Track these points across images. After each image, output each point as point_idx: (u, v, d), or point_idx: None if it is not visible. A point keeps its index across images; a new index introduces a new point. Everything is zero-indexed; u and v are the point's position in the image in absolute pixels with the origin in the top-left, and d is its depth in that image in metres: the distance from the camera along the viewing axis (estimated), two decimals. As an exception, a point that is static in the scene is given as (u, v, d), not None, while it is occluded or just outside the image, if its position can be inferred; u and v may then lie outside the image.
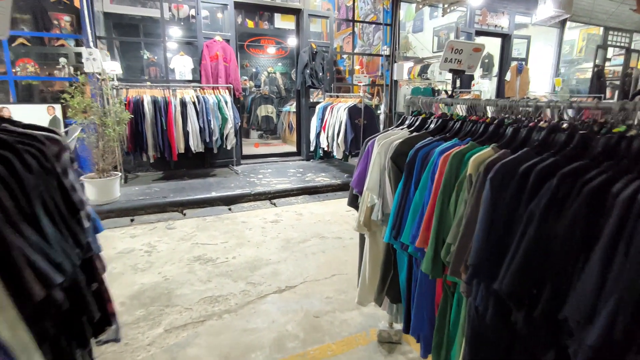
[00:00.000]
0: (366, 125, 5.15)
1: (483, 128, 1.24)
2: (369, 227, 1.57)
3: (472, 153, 1.05)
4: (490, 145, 1.06)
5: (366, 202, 1.53)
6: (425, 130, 1.56)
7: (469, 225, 0.97)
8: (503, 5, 7.77)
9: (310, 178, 5.17)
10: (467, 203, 0.99)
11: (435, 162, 1.15)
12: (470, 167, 1.01)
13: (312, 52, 6.02)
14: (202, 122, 4.89)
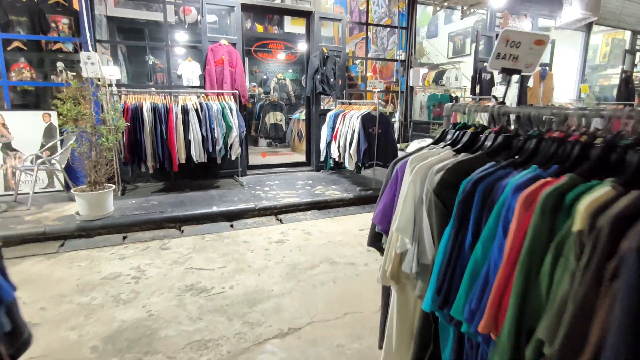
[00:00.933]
0: (381, 134, 4.76)
1: (578, 150, 0.84)
2: (398, 279, 1.19)
3: (577, 194, 0.66)
4: (605, 180, 0.67)
5: (394, 247, 1.15)
6: (480, 151, 1.16)
7: (582, 317, 0.58)
8: (525, 7, 7.34)
9: (320, 191, 4.79)
10: (577, 278, 0.60)
11: (508, 204, 0.76)
12: (580, 219, 0.62)
13: (323, 56, 5.68)
14: (205, 131, 4.58)
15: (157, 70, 8.22)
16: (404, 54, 6.50)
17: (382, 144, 4.80)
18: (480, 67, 6.94)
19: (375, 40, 7.72)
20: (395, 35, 6.99)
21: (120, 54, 6.89)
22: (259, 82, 9.75)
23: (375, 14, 7.69)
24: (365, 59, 6.37)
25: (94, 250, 3.14)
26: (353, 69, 8.57)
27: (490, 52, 7.16)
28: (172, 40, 6.36)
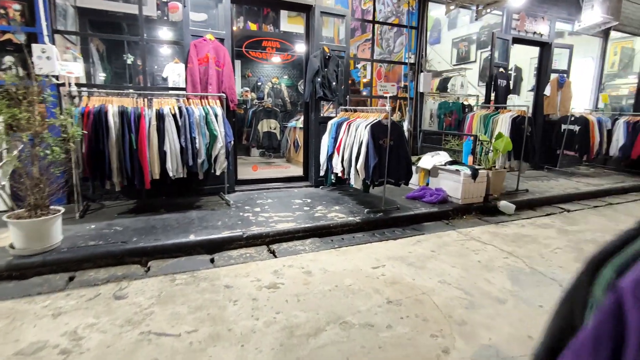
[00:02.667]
0: (393, 147, 4.05)
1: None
2: None
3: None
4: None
5: None
6: None
7: None
8: (543, 9, 6.75)
9: (320, 213, 4.04)
10: None
11: None
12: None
13: (325, 56, 4.99)
14: (184, 141, 3.82)
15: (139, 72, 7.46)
16: (413, 57, 5.84)
17: (395, 158, 4.08)
18: (496, 72, 6.30)
19: (381, 42, 7.06)
20: (403, 37, 6.33)
21: (96, 51, 6.13)
22: (252, 86, 9.04)
23: (381, 14, 7.05)
24: (372, 61, 5.68)
25: (23, 300, 2.35)
26: (354, 74, 7.90)
27: (507, 56, 6.51)
28: (151, 36, 5.62)
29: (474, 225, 4.18)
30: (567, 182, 6.32)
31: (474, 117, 5.69)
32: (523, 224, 4.27)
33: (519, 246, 3.50)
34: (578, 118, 6.84)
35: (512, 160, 5.22)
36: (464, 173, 4.49)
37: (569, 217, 4.65)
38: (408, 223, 4.13)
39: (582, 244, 3.63)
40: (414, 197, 4.76)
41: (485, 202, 4.70)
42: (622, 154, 7.00)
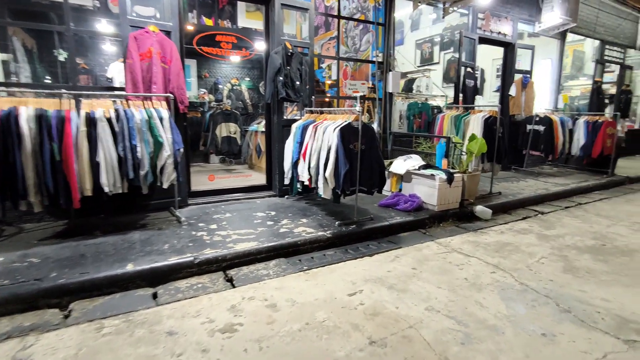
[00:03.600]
0: (365, 151, 3.67)
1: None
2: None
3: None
4: None
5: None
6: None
7: None
8: (506, 9, 6.71)
9: (286, 228, 3.58)
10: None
11: None
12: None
13: (287, 53, 4.54)
14: (123, 149, 3.23)
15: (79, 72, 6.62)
16: (381, 55, 5.53)
17: (367, 163, 3.70)
18: (464, 72, 6.14)
19: (346, 40, 6.72)
20: (369, 34, 6.02)
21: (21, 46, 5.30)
22: (210, 88, 8.41)
23: (345, 10, 6.70)
24: (337, 59, 5.30)
25: None
26: (319, 74, 7.51)
27: (474, 56, 6.38)
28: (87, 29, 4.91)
29: (452, 233, 3.89)
30: (536, 182, 6.27)
31: (444, 118, 5.47)
32: (502, 231, 4.04)
33: (503, 257, 3.23)
34: (542, 118, 6.86)
35: (485, 163, 5.03)
36: (439, 178, 4.20)
37: (544, 220, 4.50)
38: (383, 235, 3.76)
39: (564, 250, 3.43)
40: (387, 204, 4.41)
41: (461, 208, 4.45)
42: (583, 153, 7.10)
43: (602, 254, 3.36)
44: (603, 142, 6.89)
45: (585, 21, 8.08)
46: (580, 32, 8.18)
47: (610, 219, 4.53)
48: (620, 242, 3.71)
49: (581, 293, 2.57)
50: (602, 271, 2.96)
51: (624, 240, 3.77)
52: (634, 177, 7.28)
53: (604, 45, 9.10)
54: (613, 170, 7.17)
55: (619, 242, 3.69)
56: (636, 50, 10.07)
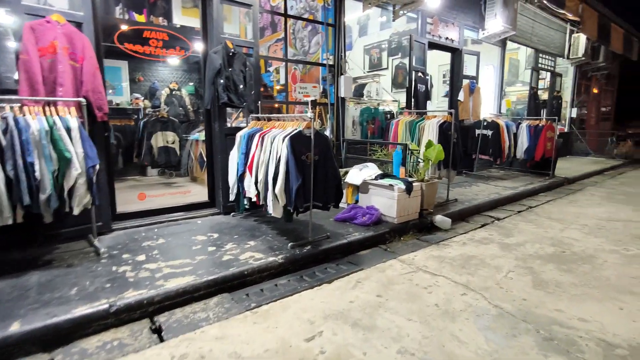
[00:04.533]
0: (319, 162, 3.28)
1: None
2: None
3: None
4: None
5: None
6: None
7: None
8: (453, 15, 6.74)
9: (231, 254, 3.07)
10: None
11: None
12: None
13: (228, 52, 4.04)
14: (13, 168, 2.53)
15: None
16: (332, 58, 5.21)
17: (321, 176, 3.32)
18: (415, 77, 6.03)
19: (294, 42, 6.33)
20: (319, 35, 5.68)
21: None
22: (146, 93, 7.57)
23: (293, 10, 6.32)
24: (285, 61, 4.87)
25: None
26: (266, 78, 7.05)
27: (424, 60, 6.31)
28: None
29: (414, 248, 3.62)
30: (487, 186, 6.31)
31: (398, 123, 5.27)
32: (464, 241, 3.85)
33: (471, 274, 3.00)
34: (490, 123, 6.98)
35: (442, 170, 4.88)
36: (398, 188, 3.93)
37: (502, 227, 4.41)
38: (342, 254, 3.39)
39: (529, 261, 3.29)
40: (344, 218, 4.06)
41: (421, 218, 4.22)
42: (527, 156, 7.34)
43: (564, 262, 3.26)
44: (544, 146, 7.18)
45: (522, 30, 8.45)
46: (518, 40, 8.54)
47: (561, 222, 4.57)
48: (577, 247, 3.67)
49: (558, 313, 2.37)
50: (570, 283, 2.83)
51: (580, 245, 3.74)
52: (571, 177, 7.68)
53: (538, 53, 9.63)
54: (553, 172, 7.50)
55: (576, 248, 3.64)
56: (564, 59, 10.83)
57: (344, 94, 5.13)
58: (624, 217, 4.86)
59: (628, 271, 3.08)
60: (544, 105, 10.33)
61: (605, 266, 3.19)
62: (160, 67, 7.72)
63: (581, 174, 8.27)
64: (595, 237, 3.99)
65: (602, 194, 6.46)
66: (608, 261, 3.30)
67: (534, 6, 8.42)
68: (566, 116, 12.09)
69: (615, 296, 2.61)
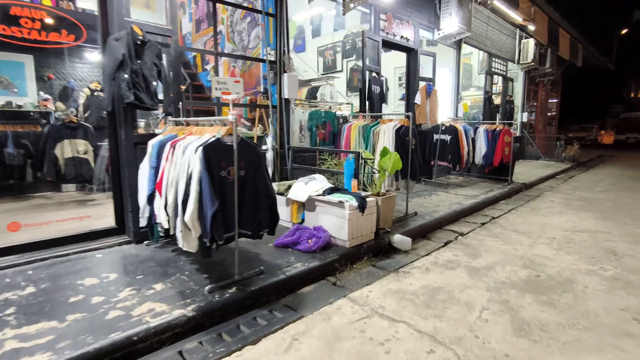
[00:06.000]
0: (246, 179, 2.55)
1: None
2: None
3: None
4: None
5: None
6: None
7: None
8: (407, 13, 6.30)
9: (123, 308, 2.24)
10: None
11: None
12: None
13: (135, 40, 3.20)
14: None
15: None
16: (274, 53, 4.51)
17: (250, 196, 2.59)
18: (369, 77, 5.47)
19: (232, 35, 5.55)
20: (258, 27, 4.95)
21: None
22: (59, 93, 6.42)
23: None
24: (216, 55, 4.09)
25: None
26: (203, 78, 6.20)
27: (378, 60, 5.79)
28: None
29: (369, 279, 2.97)
30: (447, 195, 5.88)
31: (351, 128, 4.66)
32: (427, 266, 3.27)
33: (438, 315, 2.39)
34: (448, 127, 6.61)
35: (400, 180, 4.32)
36: (349, 205, 3.29)
37: (467, 244, 3.91)
38: (278, 295, 2.67)
39: (503, 292, 2.75)
40: (285, 244, 3.34)
41: (377, 239, 3.60)
42: (485, 162, 7.06)
43: (542, 291, 2.76)
44: (502, 151, 6.93)
45: (476, 33, 8.27)
46: (472, 43, 8.35)
47: (529, 236, 4.16)
48: (551, 269, 3.21)
49: (551, 377, 1.81)
50: (556, 324, 2.30)
51: (554, 265, 3.29)
52: (528, 183, 7.52)
53: (491, 58, 9.55)
54: (511, 177, 7.28)
55: (551, 270, 3.19)
56: (515, 64, 10.92)
57: (288, 94, 4.44)
58: (588, 226, 4.57)
59: (614, 301, 2.62)
60: (497, 110, 10.30)
61: (588, 294, 2.72)
62: (79, 63, 6.62)
63: (537, 178, 8.17)
64: (567, 254, 3.58)
65: (561, 200, 6.27)
66: (589, 287, 2.84)
67: (487, 9, 8.26)
68: (517, 120, 12.25)
69: (612, 342, 2.10)
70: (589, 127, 22.46)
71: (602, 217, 5.03)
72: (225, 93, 2.49)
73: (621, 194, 6.71)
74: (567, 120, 21.25)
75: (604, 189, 7.28)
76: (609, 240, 4.01)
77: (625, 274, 3.09)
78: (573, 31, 12.34)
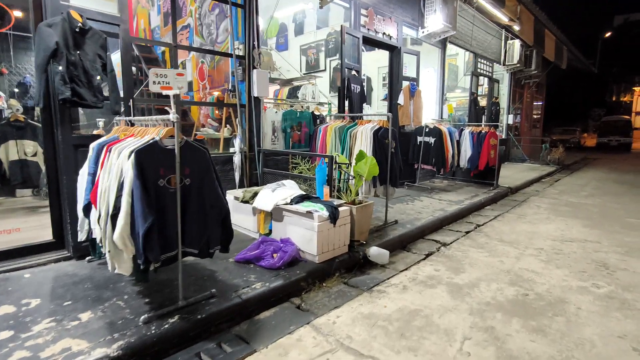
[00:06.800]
0: (191, 188, 2.18)
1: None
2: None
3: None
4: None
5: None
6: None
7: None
8: (390, 9, 6.00)
9: (30, 349, 1.83)
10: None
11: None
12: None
13: (74, 28, 2.80)
14: None
15: None
16: (242, 47, 4.13)
17: (196, 208, 2.21)
18: (348, 76, 5.14)
19: (200, 29, 5.16)
20: (227, 20, 4.57)
21: None
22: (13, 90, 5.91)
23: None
24: (174, 47, 3.69)
25: None
26: (172, 74, 5.77)
27: (359, 57, 5.48)
28: None
29: (339, 300, 2.63)
30: (431, 201, 5.59)
31: (327, 130, 4.31)
32: (404, 284, 2.94)
33: (413, 348, 2.06)
34: (432, 129, 6.33)
35: (378, 187, 3.99)
36: (318, 216, 2.93)
37: (449, 256, 3.60)
38: (231, 323, 2.30)
39: (487, 315, 2.44)
40: (247, 259, 2.97)
41: (351, 252, 3.26)
42: (470, 165, 6.81)
43: (531, 314, 2.46)
44: (488, 154, 6.68)
45: (462, 33, 8.04)
46: (458, 43, 8.11)
47: (515, 247, 3.88)
48: (541, 286, 2.92)
49: None
50: (549, 358, 1.98)
51: (543, 281, 3.01)
52: (514, 187, 7.31)
53: (477, 58, 9.35)
54: (497, 181, 7.05)
55: (540, 287, 2.89)
56: (501, 65, 10.76)
57: (257, 92, 4.07)
58: (577, 235, 4.32)
59: (611, 326, 2.33)
60: (483, 112, 10.12)
61: (582, 318, 2.43)
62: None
63: (522, 182, 7.97)
64: (557, 268, 3.30)
65: (547, 205, 6.05)
66: (582, 308, 2.55)
67: (473, 7, 8.03)
68: (503, 123, 12.12)
69: (613, 383, 1.80)
70: (572, 129, 22.65)
71: (590, 224, 4.80)
72: (166, 88, 2.12)
73: (607, 199, 6.53)
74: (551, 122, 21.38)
75: (590, 194, 7.11)
76: (599, 251, 3.76)
77: (619, 292, 2.82)
78: (558, 33, 12.28)
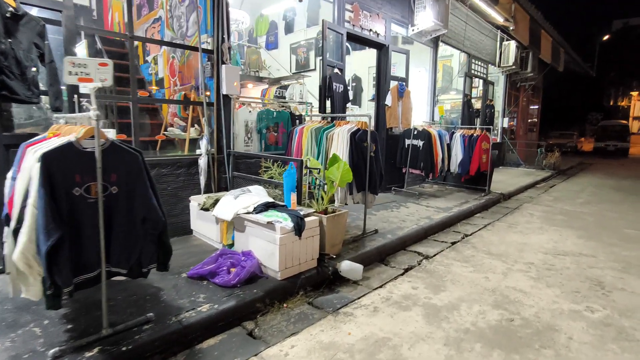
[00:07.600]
0: (118, 197, 1.86)
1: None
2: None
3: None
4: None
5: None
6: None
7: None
8: (377, 5, 5.69)
9: None
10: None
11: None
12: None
13: (3, 12, 2.47)
14: None
15: None
16: (211, 41, 3.81)
17: (124, 220, 1.89)
18: (330, 74, 4.82)
19: (171, 22, 4.84)
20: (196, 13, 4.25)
21: None
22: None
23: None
24: (130, 39, 3.36)
25: None
26: (144, 71, 5.45)
27: (342, 54, 5.16)
28: None
29: (298, 324, 2.31)
30: (418, 208, 5.28)
31: (303, 131, 4.00)
32: (376, 305, 2.62)
33: (371, 391, 1.74)
34: (421, 132, 6.03)
35: (355, 193, 3.67)
36: (281, 227, 2.61)
37: (430, 271, 3.29)
38: (166, 355, 1.97)
39: (465, 347, 2.12)
40: (201, 274, 2.65)
41: (320, 266, 2.94)
42: (461, 170, 6.52)
43: (515, 345, 2.15)
44: (479, 158, 6.38)
45: (454, 32, 7.75)
46: (450, 42, 7.82)
47: (503, 260, 3.57)
48: (528, 309, 2.61)
49: None
50: (530, 406, 1.67)
51: (531, 303, 2.70)
52: (506, 193, 7.01)
53: (470, 59, 9.06)
54: (489, 187, 6.75)
55: (527, 311, 2.58)
56: (496, 67, 10.48)
57: (226, 90, 3.75)
58: (571, 247, 4.02)
59: (606, 361, 2.02)
60: (477, 114, 9.84)
61: (573, 351, 2.11)
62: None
63: (516, 188, 7.67)
64: (547, 287, 2.99)
65: (541, 213, 5.75)
66: (574, 338, 2.24)
67: (466, 5, 7.74)
68: (498, 126, 11.84)
69: None
70: (569, 134, 22.43)
71: (585, 235, 4.50)
72: (85, 80, 1.80)
73: (604, 207, 6.25)
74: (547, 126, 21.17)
75: (586, 201, 6.83)
76: (594, 267, 3.45)
77: (616, 317, 2.51)
78: (555, 33, 12.01)
